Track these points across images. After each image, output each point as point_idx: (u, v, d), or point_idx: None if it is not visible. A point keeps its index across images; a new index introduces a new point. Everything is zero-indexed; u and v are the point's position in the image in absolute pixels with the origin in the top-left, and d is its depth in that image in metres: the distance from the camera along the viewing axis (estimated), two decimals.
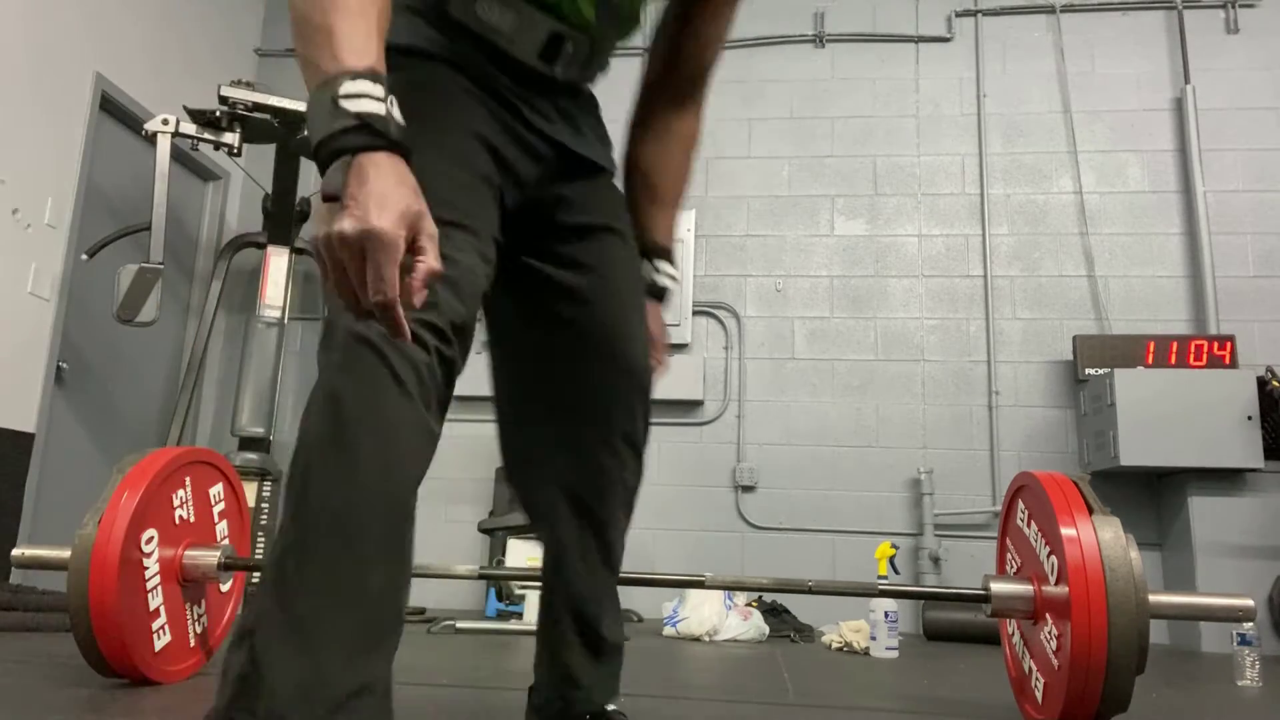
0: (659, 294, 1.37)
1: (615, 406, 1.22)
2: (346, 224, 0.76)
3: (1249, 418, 3.56)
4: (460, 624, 3.23)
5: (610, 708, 1.27)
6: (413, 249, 0.79)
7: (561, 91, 1.19)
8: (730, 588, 2.00)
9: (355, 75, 0.81)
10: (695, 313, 4.47)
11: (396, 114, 0.83)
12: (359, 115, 0.80)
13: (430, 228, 0.81)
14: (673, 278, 1.38)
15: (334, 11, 0.83)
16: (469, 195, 1.01)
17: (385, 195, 0.78)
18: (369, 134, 0.80)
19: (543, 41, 1.12)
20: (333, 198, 0.79)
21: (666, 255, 1.37)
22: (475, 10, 1.08)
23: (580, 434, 1.22)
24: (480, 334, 1.11)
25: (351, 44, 0.83)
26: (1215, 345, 3.86)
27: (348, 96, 0.80)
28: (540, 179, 1.17)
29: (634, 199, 1.35)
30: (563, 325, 1.20)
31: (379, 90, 0.82)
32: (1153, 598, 1.54)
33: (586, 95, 1.27)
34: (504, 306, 1.24)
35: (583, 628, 1.24)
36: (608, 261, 1.22)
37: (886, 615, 3.02)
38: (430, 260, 0.80)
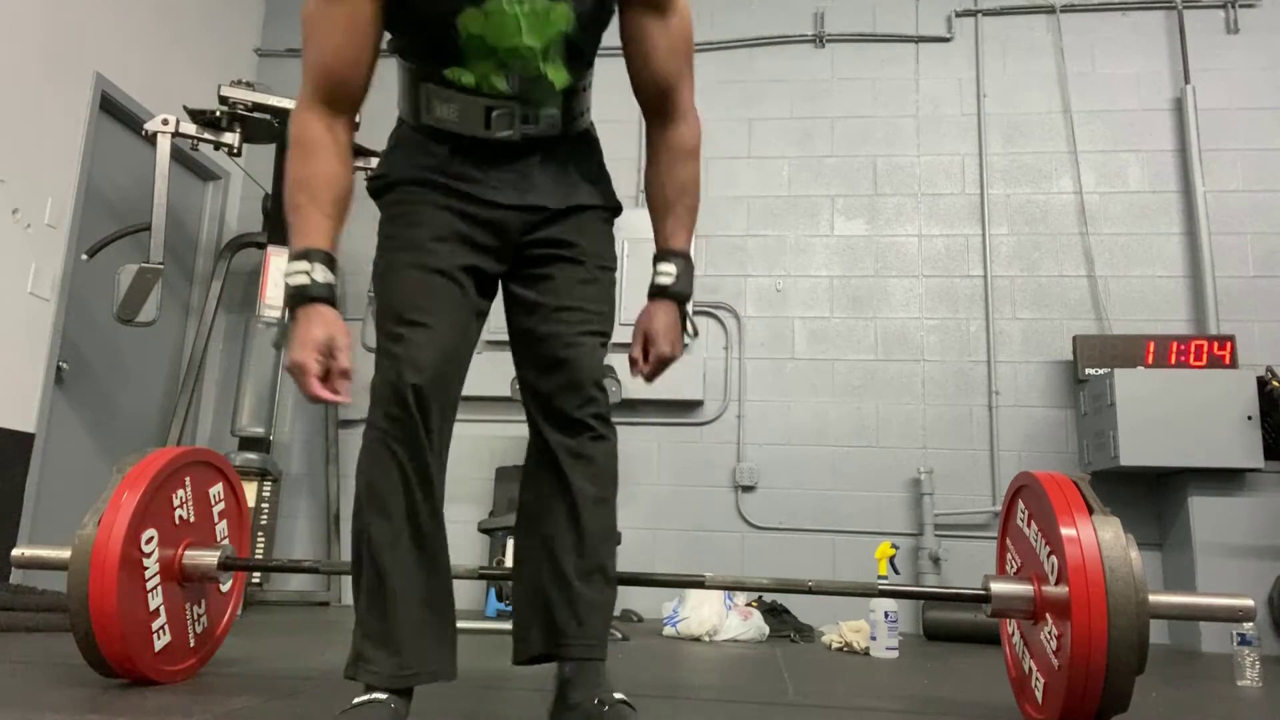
0: (656, 293, 1.53)
1: (556, 395, 1.46)
2: (286, 359, 1.31)
3: (1249, 418, 3.56)
4: (460, 624, 3.22)
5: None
6: (333, 356, 1.30)
7: (518, 153, 1.48)
8: (730, 588, 2.00)
9: (295, 257, 1.34)
10: (695, 313, 4.46)
11: (319, 275, 1.33)
12: (292, 286, 1.33)
13: (339, 343, 1.30)
14: (669, 276, 1.52)
15: (290, 208, 1.39)
16: (430, 296, 1.40)
17: (305, 336, 1.30)
18: (298, 298, 1.32)
19: (482, 117, 1.43)
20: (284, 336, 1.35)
21: (667, 257, 1.54)
22: (435, 113, 1.45)
23: (540, 418, 1.49)
24: (483, 334, 1.53)
25: (296, 235, 1.36)
26: (1215, 345, 3.86)
27: (289, 274, 1.33)
28: (510, 233, 1.48)
29: (650, 212, 1.57)
30: (523, 332, 1.51)
31: (305, 265, 1.33)
32: (1153, 598, 1.54)
33: (551, 148, 1.50)
34: (508, 321, 1.56)
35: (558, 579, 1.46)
36: (555, 281, 1.48)
37: (886, 615, 3.01)
38: (340, 363, 1.31)
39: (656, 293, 1.52)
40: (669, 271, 1.52)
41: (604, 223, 1.57)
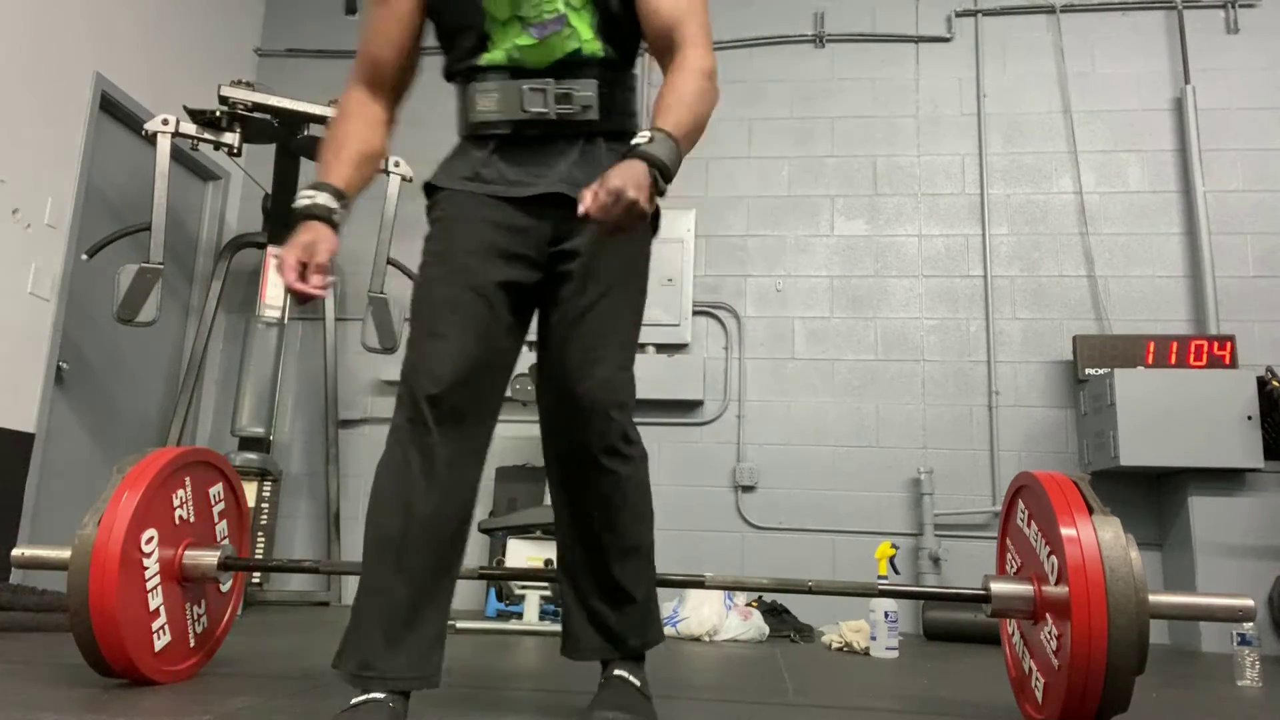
0: (632, 154, 1.36)
1: (575, 420, 1.51)
2: (283, 257, 1.44)
3: (1249, 418, 3.56)
4: (460, 624, 3.23)
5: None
6: (312, 255, 1.43)
7: (552, 143, 1.54)
8: (730, 588, 2.00)
9: (308, 187, 1.51)
10: (695, 313, 4.47)
11: (321, 199, 1.49)
12: (298, 207, 1.50)
13: (320, 247, 1.44)
14: (644, 139, 1.37)
15: (318, 162, 1.57)
16: (455, 310, 1.46)
17: (295, 240, 1.45)
18: (300, 215, 1.49)
19: (517, 98, 1.53)
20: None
21: (652, 134, 1.38)
22: (478, 108, 1.56)
23: (556, 444, 1.59)
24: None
25: (317, 174, 1.55)
26: (1215, 345, 3.86)
27: (299, 199, 1.51)
28: (540, 239, 1.53)
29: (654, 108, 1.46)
30: (545, 345, 1.57)
31: (313, 192, 1.50)
32: (1153, 598, 1.54)
33: (589, 143, 1.55)
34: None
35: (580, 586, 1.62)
36: (566, 304, 1.52)
37: (886, 615, 3.02)
38: (318, 258, 1.43)
39: (636, 153, 1.35)
40: (643, 139, 1.36)
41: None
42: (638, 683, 1.58)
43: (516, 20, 1.50)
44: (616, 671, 1.58)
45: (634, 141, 1.37)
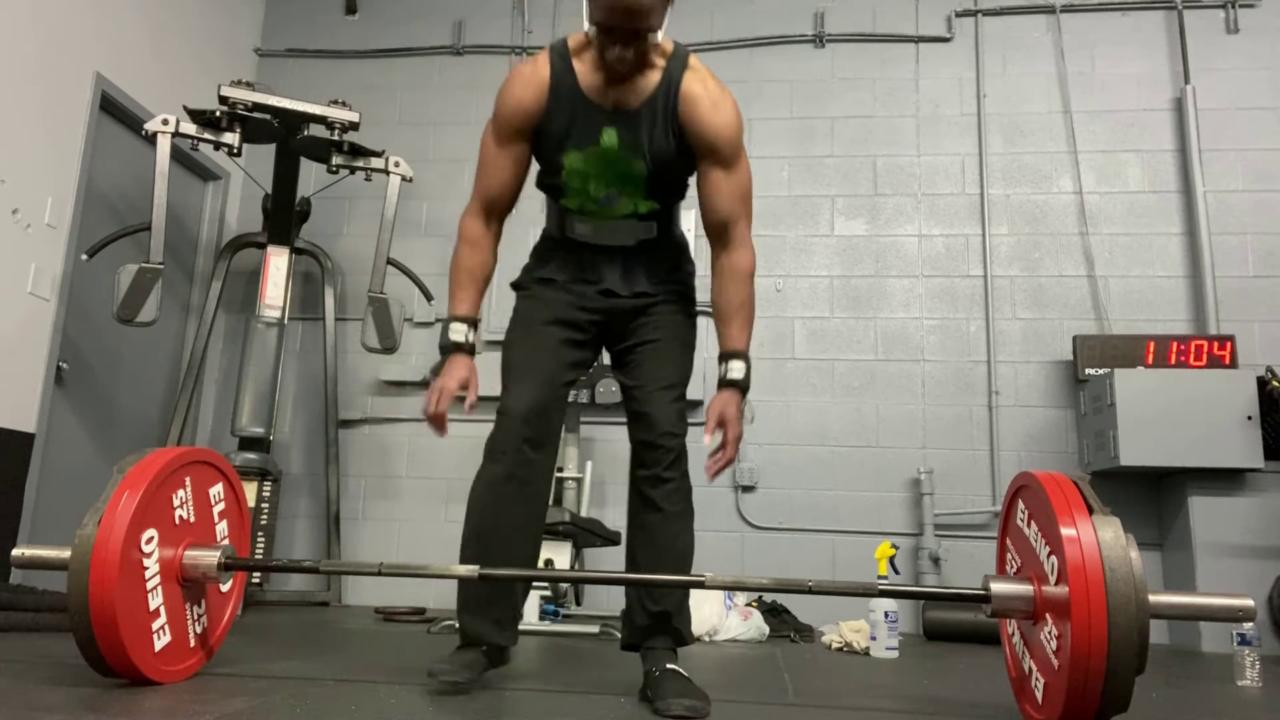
0: (728, 385, 1.94)
1: (647, 453, 2.01)
2: (434, 386, 1.91)
3: (1249, 418, 3.56)
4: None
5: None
6: (465, 386, 1.93)
7: (618, 252, 2.03)
8: (730, 588, 2.00)
9: (456, 319, 1.97)
10: (696, 313, 4.46)
11: (470, 337, 1.98)
12: (453, 341, 1.96)
13: (472, 381, 1.94)
14: (740, 372, 1.95)
15: (453, 284, 1.99)
16: (530, 361, 1.98)
17: (452, 372, 1.93)
18: (456, 348, 1.95)
19: (589, 231, 2.02)
20: (439, 368, 1.95)
21: (736, 356, 1.95)
22: (575, 230, 2.03)
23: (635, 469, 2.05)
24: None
25: (457, 303, 1.98)
26: (1215, 345, 3.86)
27: (453, 331, 1.96)
28: (605, 318, 2.05)
29: (715, 317, 2.01)
30: (625, 399, 2.07)
31: (465, 328, 1.97)
32: (1153, 598, 1.54)
33: (639, 252, 2.05)
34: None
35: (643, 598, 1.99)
36: (639, 364, 2.03)
37: (886, 615, 3.02)
38: (470, 397, 1.92)
39: (728, 385, 1.94)
40: (739, 368, 1.94)
41: (675, 309, 2.10)
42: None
43: (586, 192, 1.97)
44: (670, 667, 1.86)
45: (733, 375, 1.94)
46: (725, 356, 1.97)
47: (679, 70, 1.89)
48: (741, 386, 1.94)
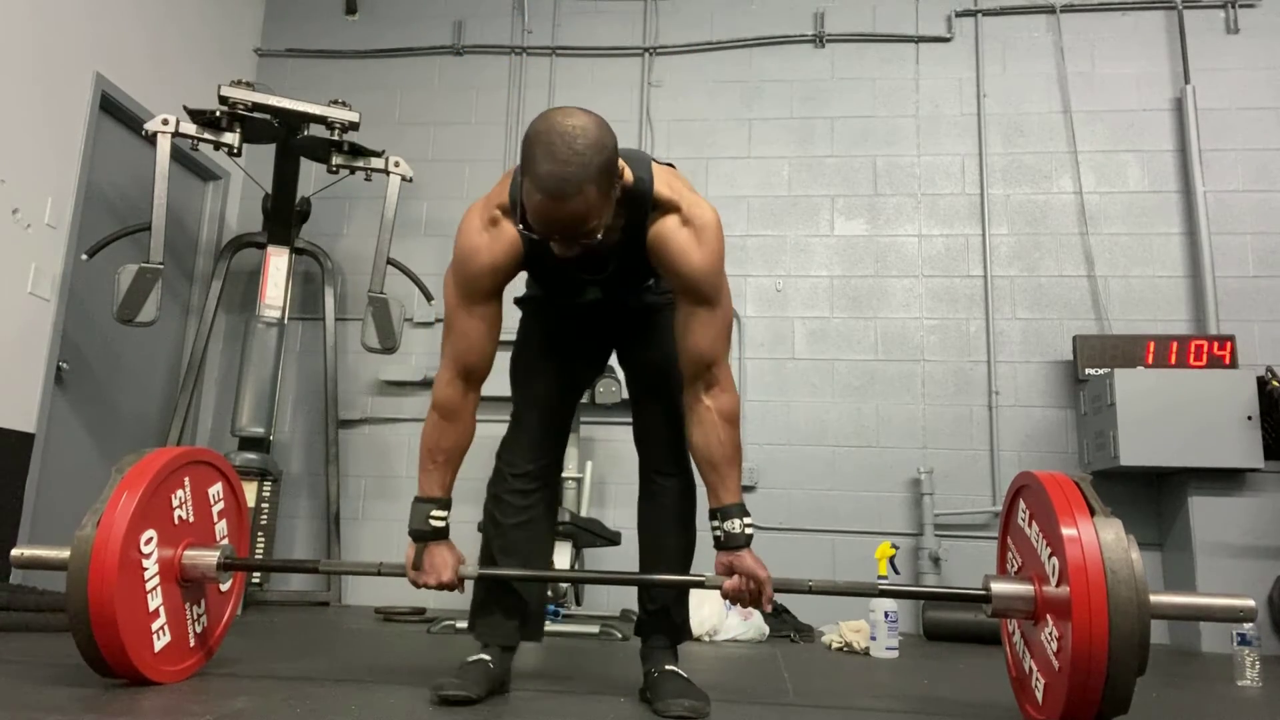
0: (743, 542, 1.76)
1: (653, 447, 2.03)
2: (421, 578, 1.84)
3: (1249, 418, 3.56)
4: (460, 624, 3.22)
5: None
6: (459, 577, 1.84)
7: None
8: None
9: (428, 502, 1.84)
10: None
11: (445, 522, 1.85)
12: (430, 527, 1.83)
13: (459, 568, 1.85)
14: (751, 528, 1.79)
15: (426, 461, 1.85)
16: (541, 370, 2.01)
17: (434, 563, 1.82)
18: (431, 534, 1.83)
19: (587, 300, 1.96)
20: (417, 561, 1.83)
21: (741, 512, 1.78)
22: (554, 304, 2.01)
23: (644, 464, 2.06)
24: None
25: (430, 484, 1.84)
26: (1215, 345, 3.86)
27: (429, 515, 1.83)
28: (611, 324, 2.02)
29: (702, 466, 1.84)
30: (631, 398, 2.09)
31: (441, 511, 1.84)
32: (1153, 598, 1.54)
33: (626, 275, 1.91)
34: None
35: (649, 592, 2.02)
36: (643, 364, 2.04)
37: (886, 615, 3.02)
38: (457, 577, 1.84)
39: (743, 542, 1.76)
40: (750, 524, 1.79)
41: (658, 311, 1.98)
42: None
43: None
44: (669, 668, 1.88)
45: (748, 532, 1.77)
46: (726, 513, 1.77)
47: (641, 216, 1.71)
48: (748, 542, 1.77)
